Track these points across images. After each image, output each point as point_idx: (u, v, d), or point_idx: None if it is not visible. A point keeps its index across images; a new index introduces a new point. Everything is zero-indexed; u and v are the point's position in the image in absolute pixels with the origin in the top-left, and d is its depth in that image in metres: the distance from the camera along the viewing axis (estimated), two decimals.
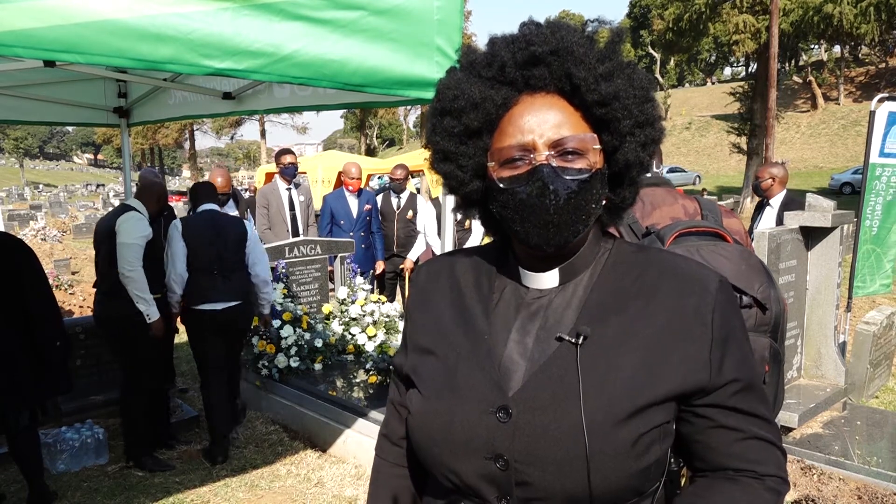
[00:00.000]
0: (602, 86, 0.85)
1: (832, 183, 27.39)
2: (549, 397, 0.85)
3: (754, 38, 23.54)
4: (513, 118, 0.87)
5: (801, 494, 3.27)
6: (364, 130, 53.99)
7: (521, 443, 0.84)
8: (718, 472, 0.92)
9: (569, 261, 0.92)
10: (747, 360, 0.90)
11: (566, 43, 0.85)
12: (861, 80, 44.78)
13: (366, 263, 6.07)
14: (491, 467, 0.86)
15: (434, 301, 1.01)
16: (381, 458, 1.13)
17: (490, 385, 0.88)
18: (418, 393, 0.95)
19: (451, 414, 0.89)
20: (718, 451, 0.90)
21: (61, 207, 25.64)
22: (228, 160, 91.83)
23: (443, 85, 0.92)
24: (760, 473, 0.90)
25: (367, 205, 6.20)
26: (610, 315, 0.88)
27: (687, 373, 0.86)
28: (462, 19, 2.29)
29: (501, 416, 0.86)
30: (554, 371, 0.86)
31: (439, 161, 0.94)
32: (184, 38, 1.79)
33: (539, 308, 0.93)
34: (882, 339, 4.75)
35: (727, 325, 0.88)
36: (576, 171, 0.85)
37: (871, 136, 4.66)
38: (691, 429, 0.91)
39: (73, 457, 3.79)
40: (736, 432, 0.89)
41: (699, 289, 0.88)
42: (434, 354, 0.96)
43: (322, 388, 4.38)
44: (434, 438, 0.91)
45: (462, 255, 1.04)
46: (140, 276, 3.59)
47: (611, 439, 0.82)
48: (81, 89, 4.47)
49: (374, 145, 61.71)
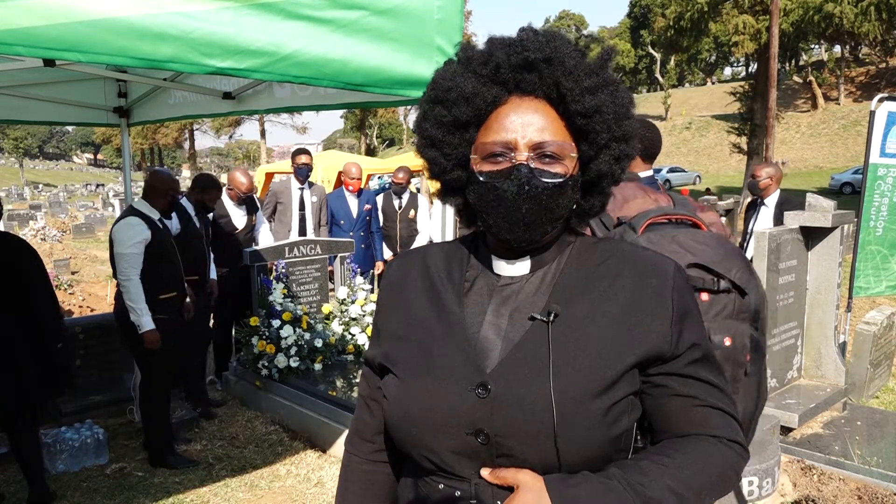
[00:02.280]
0: (587, 98, 0.91)
1: (832, 183, 27.40)
2: (525, 372, 0.90)
3: (754, 39, 23.55)
4: (500, 116, 0.93)
5: (801, 494, 3.27)
6: (364, 130, 53.98)
7: (500, 417, 0.89)
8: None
9: (539, 252, 0.98)
10: (703, 335, 0.97)
11: (559, 53, 0.91)
12: (861, 80, 44.79)
13: (366, 263, 6.07)
14: (472, 442, 0.90)
15: (405, 291, 1.05)
16: (351, 453, 1.13)
17: (467, 363, 0.93)
18: (394, 377, 0.99)
19: (429, 393, 0.93)
20: (677, 418, 0.95)
21: (61, 207, 25.64)
22: (228, 160, 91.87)
23: (439, 75, 0.97)
24: (719, 437, 0.94)
25: (367, 205, 6.20)
26: (577, 296, 0.95)
27: (650, 344, 0.92)
28: (462, 19, 2.29)
29: (481, 392, 0.90)
30: (529, 348, 0.92)
31: (425, 147, 0.99)
32: (185, 36, 1.78)
33: (511, 293, 0.98)
34: (882, 339, 4.75)
35: (685, 304, 0.95)
36: (551, 174, 0.91)
37: (872, 136, 4.66)
38: (651, 401, 0.95)
39: (73, 457, 3.79)
40: (693, 399, 0.94)
41: (658, 272, 0.96)
42: (408, 340, 1.00)
43: (322, 388, 4.38)
44: (413, 419, 0.94)
45: (433, 248, 1.10)
46: (133, 286, 3.54)
47: (581, 410, 0.87)
48: (81, 89, 4.46)
49: (374, 145, 61.71)
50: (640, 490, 0.86)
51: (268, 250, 5.07)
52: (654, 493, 0.86)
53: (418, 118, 1.00)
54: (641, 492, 0.86)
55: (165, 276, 3.75)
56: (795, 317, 4.38)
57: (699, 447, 0.93)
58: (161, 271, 3.71)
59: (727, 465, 0.93)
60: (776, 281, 4.09)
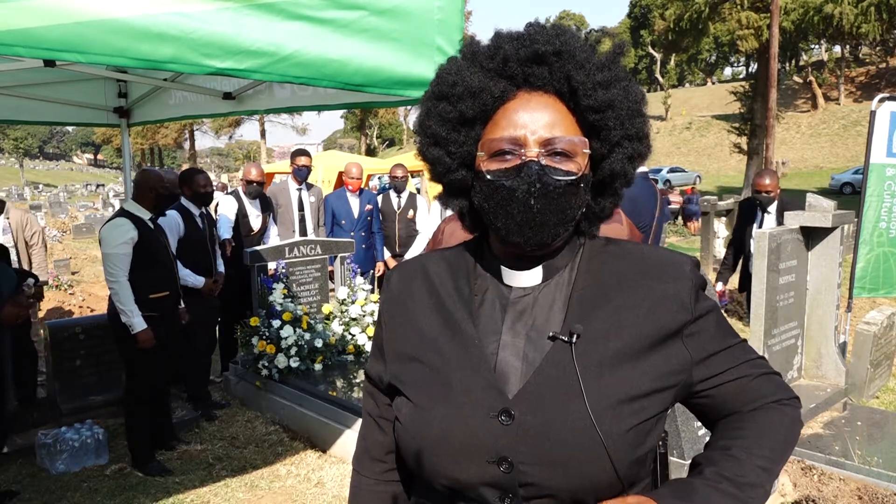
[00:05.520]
0: (599, 92, 0.86)
1: (832, 183, 27.39)
2: (550, 397, 0.85)
3: (756, 36, 23.54)
4: (507, 112, 0.88)
5: (802, 495, 3.27)
6: (364, 130, 53.99)
7: (525, 444, 0.84)
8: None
9: (551, 258, 0.93)
10: (726, 331, 0.96)
11: (569, 46, 0.87)
12: (861, 80, 44.80)
13: (366, 263, 6.07)
14: (494, 471, 0.85)
15: (410, 306, 0.99)
16: (361, 474, 1.08)
17: (488, 389, 0.88)
18: (407, 401, 0.93)
19: (447, 420, 0.88)
20: (736, 400, 0.95)
21: (61, 207, 25.61)
22: (228, 160, 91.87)
23: (443, 70, 0.93)
24: (779, 399, 0.96)
25: (368, 205, 6.20)
26: (595, 309, 0.90)
27: (674, 356, 0.90)
28: (463, 19, 2.29)
29: (504, 419, 0.85)
30: (551, 370, 0.87)
31: (429, 145, 0.94)
32: (185, 37, 1.78)
33: (525, 307, 0.93)
34: (882, 339, 4.75)
35: (703, 302, 0.93)
36: (563, 171, 0.86)
37: (872, 136, 4.65)
38: (705, 401, 0.95)
39: (73, 457, 3.79)
40: (744, 379, 0.95)
41: (675, 273, 0.92)
42: (419, 361, 0.94)
43: (322, 388, 4.38)
44: (430, 446, 0.89)
45: (434, 257, 1.03)
46: (122, 288, 3.52)
47: (613, 431, 0.83)
48: (81, 89, 4.47)
49: (374, 145, 61.71)
50: (739, 481, 0.86)
51: (268, 250, 5.08)
52: (751, 479, 0.87)
53: (421, 116, 0.94)
54: (741, 483, 0.86)
55: (156, 276, 3.72)
56: (796, 317, 4.38)
57: (770, 417, 0.94)
58: (152, 271, 3.67)
59: (794, 422, 0.95)
60: (776, 281, 4.09)
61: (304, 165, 5.87)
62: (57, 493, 3.50)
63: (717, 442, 0.94)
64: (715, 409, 0.97)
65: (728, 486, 0.86)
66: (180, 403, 4.60)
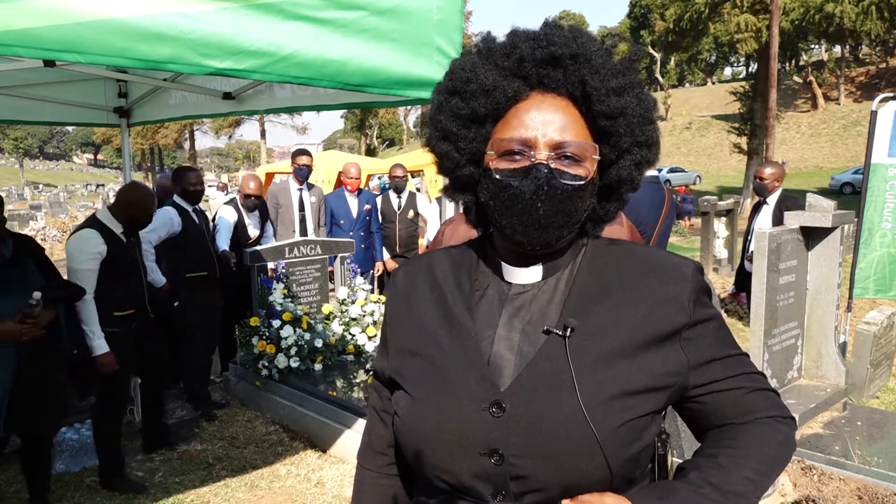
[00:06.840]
0: (612, 99, 0.87)
1: (832, 183, 27.39)
2: (543, 390, 0.86)
3: (756, 38, 23.54)
4: (519, 112, 0.88)
5: (802, 495, 3.27)
6: (364, 130, 54.00)
7: (516, 436, 0.85)
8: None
9: (553, 258, 0.94)
10: (726, 338, 0.96)
11: (586, 50, 0.87)
12: (861, 80, 44.81)
13: (366, 263, 6.07)
14: (486, 463, 0.86)
15: (413, 302, 1.01)
16: (364, 468, 1.10)
17: (481, 381, 0.89)
18: (405, 394, 0.95)
19: (442, 412, 0.89)
20: (728, 411, 0.94)
21: (61, 207, 25.61)
22: (228, 160, 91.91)
23: (457, 65, 0.93)
24: (773, 416, 0.95)
25: (367, 205, 6.20)
26: (593, 306, 0.91)
27: (670, 357, 0.89)
28: (462, 19, 2.29)
29: (495, 412, 0.86)
30: (544, 364, 0.87)
31: (438, 139, 0.94)
32: (184, 37, 1.78)
33: (523, 303, 0.94)
34: (882, 339, 4.75)
35: (704, 308, 0.93)
36: (572, 175, 0.87)
37: (873, 135, 4.64)
38: (698, 406, 0.95)
39: (73, 457, 3.79)
40: (738, 391, 0.94)
41: (677, 276, 0.92)
42: (419, 355, 0.96)
43: (322, 388, 4.38)
44: (425, 439, 0.90)
45: (439, 254, 1.05)
46: (86, 305, 3.29)
47: (605, 426, 0.84)
48: (81, 89, 4.47)
49: (374, 145, 61.72)
50: (723, 488, 0.86)
51: (268, 250, 5.08)
52: (737, 488, 0.87)
53: (432, 110, 0.95)
54: (725, 490, 0.86)
55: (123, 293, 3.50)
56: (796, 317, 4.38)
57: (762, 431, 0.93)
58: (119, 288, 3.45)
59: (787, 440, 0.95)
60: (776, 281, 4.09)
61: (306, 165, 5.87)
62: (57, 493, 3.50)
63: (705, 450, 0.94)
64: (706, 417, 0.96)
65: (711, 491, 0.86)
66: (180, 403, 4.60)
